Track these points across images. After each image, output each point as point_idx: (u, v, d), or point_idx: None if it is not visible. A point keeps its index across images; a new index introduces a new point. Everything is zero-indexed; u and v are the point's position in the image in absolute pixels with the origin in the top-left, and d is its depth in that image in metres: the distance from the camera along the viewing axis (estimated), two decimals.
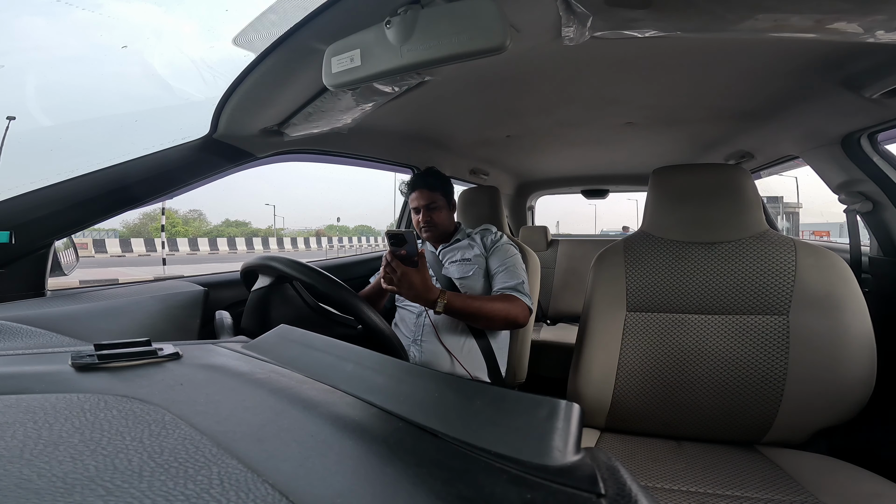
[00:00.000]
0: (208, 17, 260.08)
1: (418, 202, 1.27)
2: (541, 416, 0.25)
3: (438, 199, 1.27)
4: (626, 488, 0.19)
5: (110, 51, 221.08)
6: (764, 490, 0.68)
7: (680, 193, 0.91)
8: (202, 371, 0.35)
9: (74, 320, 0.75)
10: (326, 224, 48.44)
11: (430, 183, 1.29)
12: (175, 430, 0.24)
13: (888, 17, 0.51)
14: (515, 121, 1.28)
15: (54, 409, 0.25)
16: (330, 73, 0.60)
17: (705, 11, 0.54)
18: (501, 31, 0.48)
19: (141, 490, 0.18)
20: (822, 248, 0.81)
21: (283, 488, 0.19)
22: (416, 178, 1.31)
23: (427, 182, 1.29)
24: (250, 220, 50.70)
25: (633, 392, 0.86)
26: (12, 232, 0.72)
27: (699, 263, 0.85)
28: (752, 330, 0.81)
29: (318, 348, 0.41)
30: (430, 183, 1.29)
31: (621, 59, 0.83)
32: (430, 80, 0.81)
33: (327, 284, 0.82)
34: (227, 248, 22.79)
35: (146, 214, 36.36)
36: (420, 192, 1.27)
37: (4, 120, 10.65)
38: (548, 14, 0.58)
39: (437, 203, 1.27)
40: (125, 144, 0.93)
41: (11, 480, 0.18)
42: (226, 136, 0.94)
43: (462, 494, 0.19)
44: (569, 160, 1.93)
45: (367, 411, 0.28)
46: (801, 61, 0.81)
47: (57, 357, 0.37)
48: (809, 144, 1.15)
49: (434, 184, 1.28)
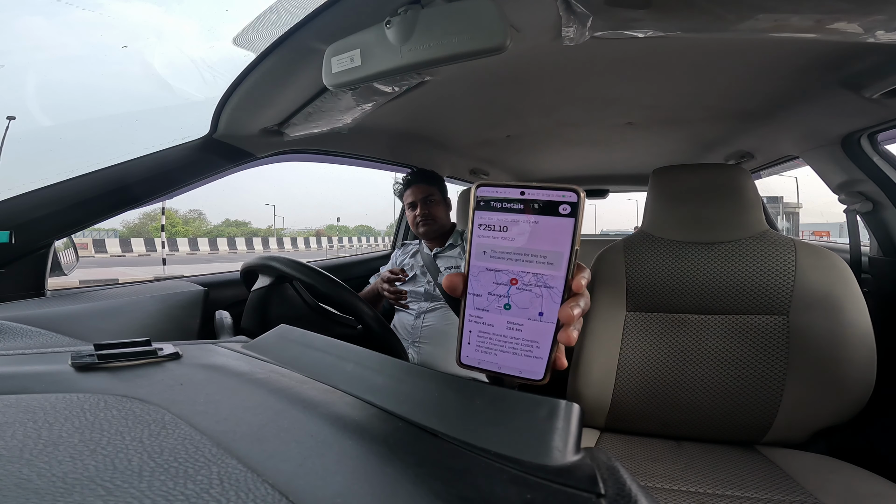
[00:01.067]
0: (208, 17, 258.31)
1: (415, 196, 1.27)
2: (541, 416, 0.25)
3: (435, 192, 1.27)
4: (625, 488, 0.19)
5: (110, 51, 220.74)
6: (764, 490, 0.68)
7: (680, 193, 0.91)
8: (202, 371, 0.35)
9: (74, 320, 0.75)
10: (326, 224, 48.47)
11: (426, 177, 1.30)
12: (175, 430, 0.24)
13: (888, 17, 0.51)
14: (515, 121, 1.28)
15: (54, 409, 0.26)
16: (330, 73, 0.60)
17: (705, 11, 0.54)
18: (501, 31, 0.48)
19: (141, 490, 0.18)
20: (822, 248, 0.81)
21: (283, 488, 0.19)
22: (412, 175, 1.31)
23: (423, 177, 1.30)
24: (250, 220, 50.74)
25: (632, 392, 0.86)
26: (12, 232, 0.72)
27: (699, 263, 0.85)
28: (751, 330, 0.81)
29: (318, 348, 0.41)
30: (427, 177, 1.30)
31: (621, 59, 0.83)
32: (430, 80, 0.81)
33: (327, 284, 0.82)
34: (227, 248, 22.79)
35: (146, 214, 36.42)
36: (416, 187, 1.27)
37: (4, 120, 10.67)
38: (548, 14, 0.58)
39: (434, 196, 1.27)
40: (125, 144, 0.93)
41: (11, 480, 0.18)
42: (226, 135, 0.94)
43: (462, 494, 0.19)
44: (569, 160, 1.93)
45: (367, 411, 0.28)
46: (801, 61, 0.81)
47: (57, 357, 0.37)
48: (809, 144, 1.15)
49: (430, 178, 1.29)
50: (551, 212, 0.27)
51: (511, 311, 0.29)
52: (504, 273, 0.28)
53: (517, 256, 0.28)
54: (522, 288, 0.28)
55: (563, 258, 0.27)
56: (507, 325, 0.29)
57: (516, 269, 0.28)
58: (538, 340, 0.28)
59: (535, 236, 0.27)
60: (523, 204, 0.28)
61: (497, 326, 0.29)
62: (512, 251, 0.28)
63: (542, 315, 0.28)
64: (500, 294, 0.29)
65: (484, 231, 0.29)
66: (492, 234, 0.29)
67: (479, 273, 0.29)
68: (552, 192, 0.27)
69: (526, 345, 0.28)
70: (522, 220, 0.28)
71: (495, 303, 0.29)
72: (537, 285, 0.28)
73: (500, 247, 0.28)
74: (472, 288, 0.30)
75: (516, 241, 0.28)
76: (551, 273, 0.27)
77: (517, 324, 0.29)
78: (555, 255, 0.27)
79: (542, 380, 0.28)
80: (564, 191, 0.27)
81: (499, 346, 0.29)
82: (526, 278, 0.28)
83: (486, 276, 0.29)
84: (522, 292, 0.28)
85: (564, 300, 0.27)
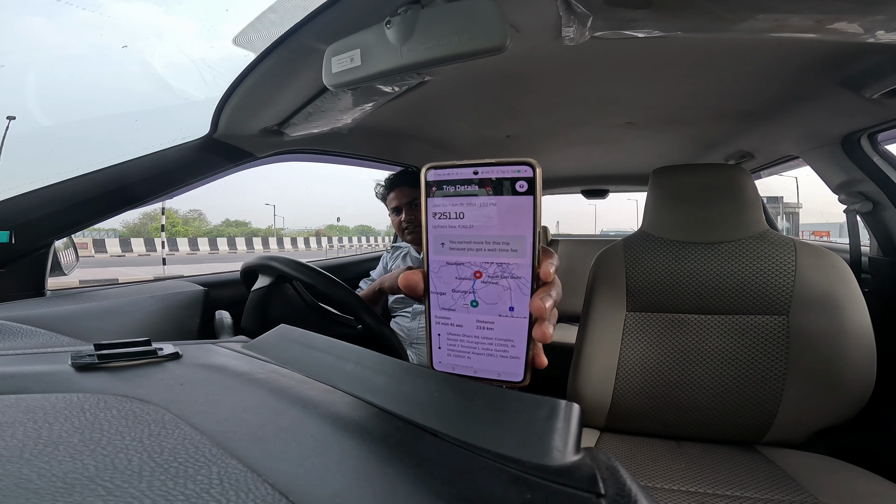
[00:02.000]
0: (208, 17, 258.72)
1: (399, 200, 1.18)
2: (541, 416, 0.25)
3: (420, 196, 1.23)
4: (625, 488, 0.19)
5: (110, 50, 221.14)
6: (764, 490, 0.68)
7: (680, 193, 0.91)
8: (202, 371, 0.35)
9: (74, 320, 0.75)
10: (326, 224, 48.48)
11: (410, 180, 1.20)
12: (175, 430, 0.24)
13: (888, 17, 0.51)
14: (515, 121, 1.28)
15: (54, 408, 0.25)
16: (330, 73, 0.60)
17: (705, 11, 0.54)
18: (501, 31, 0.48)
19: (141, 490, 0.18)
20: (822, 248, 0.81)
21: (283, 488, 0.19)
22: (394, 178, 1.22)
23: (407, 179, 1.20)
24: (250, 219, 50.80)
25: (632, 392, 0.86)
26: (12, 232, 0.72)
27: (699, 263, 0.85)
28: (751, 330, 0.81)
29: (318, 348, 0.40)
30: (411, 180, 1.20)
31: (621, 59, 0.83)
32: (430, 80, 0.81)
33: (327, 284, 0.82)
34: (227, 247, 22.80)
35: (146, 214, 36.45)
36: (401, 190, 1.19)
37: (4, 120, 10.68)
38: (548, 14, 0.58)
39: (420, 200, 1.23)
40: (125, 144, 0.93)
41: (11, 480, 0.18)
42: (226, 135, 0.94)
43: (462, 494, 0.19)
44: (569, 160, 1.93)
45: (367, 411, 0.28)
46: (801, 61, 0.81)
47: (57, 357, 0.37)
48: (809, 144, 1.15)
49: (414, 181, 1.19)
50: (508, 191, 0.25)
51: (479, 309, 0.27)
52: (466, 266, 0.26)
53: (478, 245, 0.26)
54: (488, 281, 0.26)
55: (527, 243, 0.25)
56: (477, 324, 0.27)
57: (479, 259, 0.26)
58: (512, 339, 0.26)
59: (493, 220, 0.25)
60: (477, 184, 0.25)
61: (466, 327, 0.27)
62: (471, 240, 0.26)
63: (513, 310, 0.26)
64: (465, 290, 0.27)
65: (439, 220, 0.27)
66: (448, 222, 0.26)
67: (440, 268, 0.27)
68: (506, 167, 0.25)
69: (500, 344, 0.27)
70: (478, 203, 0.26)
71: (461, 300, 0.27)
72: (503, 276, 0.26)
73: (458, 236, 0.26)
74: (435, 286, 0.27)
75: (474, 227, 0.26)
76: (516, 261, 0.25)
77: (487, 322, 0.27)
78: (517, 240, 0.25)
79: (523, 381, 0.27)
80: (519, 165, 0.24)
81: (471, 349, 0.27)
82: (490, 269, 0.26)
83: (448, 272, 0.27)
84: (488, 286, 0.26)
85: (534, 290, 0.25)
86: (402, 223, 1.18)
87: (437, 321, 0.28)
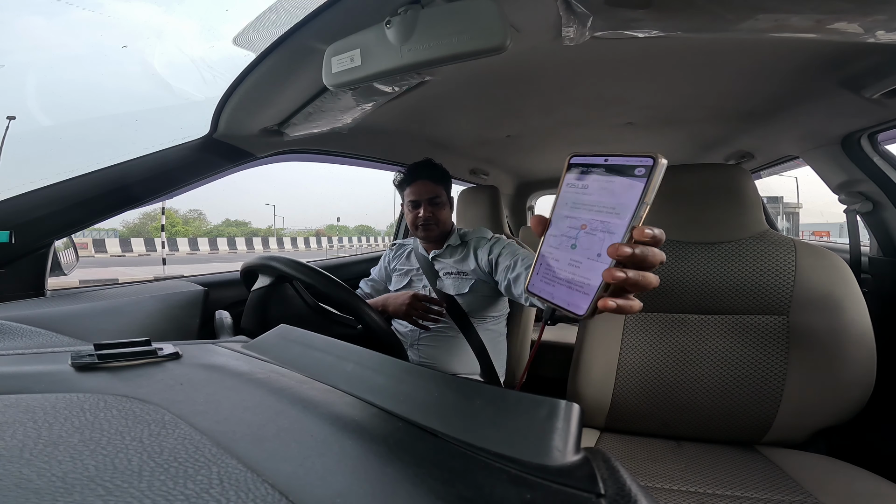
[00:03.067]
0: (208, 17, 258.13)
1: (419, 195, 1.09)
2: (541, 416, 0.25)
3: (442, 193, 1.11)
4: (625, 488, 0.19)
5: (110, 50, 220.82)
6: (764, 490, 0.68)
7: (680, 193, 0.91)
8: (202, 371, 0.35)
9: (74, 320, 0.75)
10: (326, 224, 48.45)
11: (434, 174, 1.11)
12: (175, 430, 0.24)
13: (888, 17, 0.51)
14: (515, 121, 1.28)
15: (54, 408, 0.25)
16: (330, 73, 0.60)
17: (705, 11, 0.54)
18: (501, 31, 0.48)
19: (141, 490, 0.18)
20: (822, 248, 0.81)
21: (283, 488, 0.19)
22: (417, 167, 1.12)
23: (431, 173, 1.11)
24: (250, 219, 50.76)
25: (632, 392, 0.86)
26: (12, 232, 0.72)
27: (699, 263, 0.85)
28: (751, 330, 0.81)
29: (318, 348, 0.41)
30: (435, 175, 1.11)
31: (621, 59, 0.83)
32: (430, 80, 0.81)
33: (327, 284, 0.81)
34: (227, 247, 22.78)
35: (146, 214, 36.43)
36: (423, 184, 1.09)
37: (4, 120, 10.67)
38: (548, 14, 0.58)
39: (441, 198, 1.10)
40: (125, 144, 0.93)
41: (11, 480, 0.18)
42: (226, 135, 0.94)
43: (462, 494, 0.19)
44: None
45: (367, 411, 0.28)
46: (801, 61, 0.81)
47: (57, 357, 0.37)
48: (809, 144, 1.15)
49: (438, 176, 1.11)
50: (627, 174, 0.32)
51: (576, 250, 0.34)
52: (578, 220, 0.35)
53: (591, 207, 0.34)
54: (589, 232, 0.34)
55: (629, 209, 0.31)
56: (570, 261, 0.35)
57: (588, 216, 0.34)
58: (590, 278, 0.33)
59: (608, 192, 0.33)
60: (605, 168, 0.33)
61: (562, 262, 0.35)
62: (587, 203, 0.34)
63: (600, 256, 0.33)
64: (571, 236, 0.35)
65: (569, 188, 0.36)
66: (575, 189, 0.35)
67: (559, 220, 0.36)
68: (631, 157, 0.32)
69: (580, 280, 0.33)
70: (602, 180, 0.34)
71: (565, 242, 0.35)
72: (602, 231, 0.33)
73: (580, 200, 0.35)
74: (551, 230, 0.37)
75: (593, 195, 0.34)
76: (615, 221, 0.32)
77: (578, 261, 0.34)
78: (622, 206, 0.32)
79: (584, 315, 0.33)
80: (643, 157, 0.31)
81: (558, 280, 0.35)
82: (594, 224, 0.33)
83: (564, 222, 0.36)
84: (588, 235, 0.34)
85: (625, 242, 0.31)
86: (418, 218, 1.09)
87: (544, 254, 0.37)
